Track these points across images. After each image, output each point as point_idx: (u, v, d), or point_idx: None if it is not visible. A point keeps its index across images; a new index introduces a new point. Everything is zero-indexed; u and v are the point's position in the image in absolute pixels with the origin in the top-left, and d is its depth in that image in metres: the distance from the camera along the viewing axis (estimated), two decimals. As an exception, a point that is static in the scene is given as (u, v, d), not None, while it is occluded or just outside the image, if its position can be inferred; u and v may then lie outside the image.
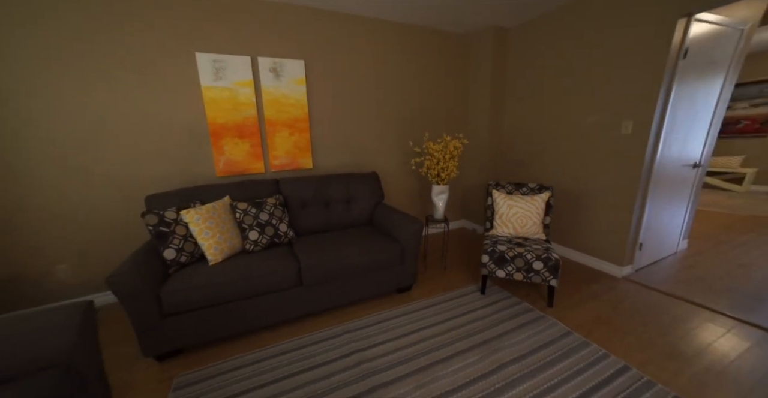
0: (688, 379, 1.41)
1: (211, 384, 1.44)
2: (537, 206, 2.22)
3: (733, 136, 5.17)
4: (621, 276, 2.39)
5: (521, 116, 2.99)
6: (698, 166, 2.53)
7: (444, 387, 1.38)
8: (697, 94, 2.26)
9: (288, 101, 2.40)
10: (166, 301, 1.51)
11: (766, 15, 2.43)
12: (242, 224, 1.91)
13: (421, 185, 3.28)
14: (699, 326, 1.79)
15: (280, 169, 2.50)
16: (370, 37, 2.63)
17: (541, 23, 2.67)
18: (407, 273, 2.14)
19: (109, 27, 1.87)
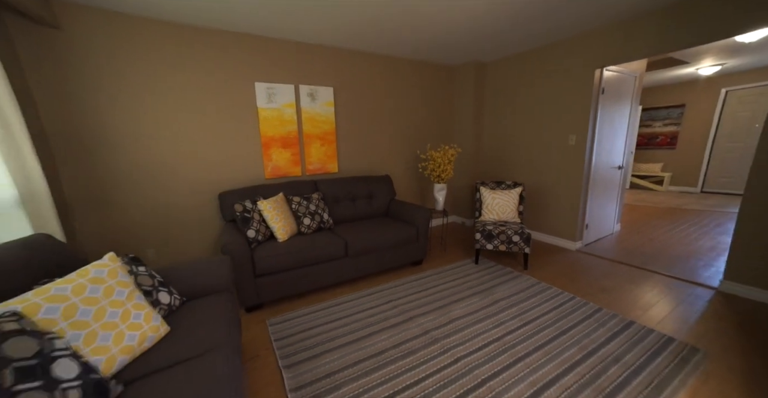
0: (613, 302, 2.18)
1: (297, 321, 2.02)
2: (513, 198, 3.00)
3: (654, 148, 6.47)
4: (574, 249, 3.22)
5: (498, 130, 3.83)
6: (621, 168, 3.47)
7: (459, 315, 2.05)
8: (614, 116, 3.20)
9: (320, 118, 3.04)
10: (257, 264, 2.06)
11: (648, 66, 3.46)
12: (297, 213, 2.50)
13: (422, 185, 4.01)
14: (625, 275, 2.60)
15: (314, 172, 3.11)
16: (382, 69, 3.36)
17: (512, 60, 3.55)
18: (420, 249, 2.81)
19: (192, 69, 2.44)
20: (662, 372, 1.51)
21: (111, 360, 1.02)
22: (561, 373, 1.52)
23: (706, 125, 5.73)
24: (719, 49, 3.94)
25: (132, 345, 1.09)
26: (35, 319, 0.91)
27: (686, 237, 3.51)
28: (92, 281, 1.09)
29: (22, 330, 0.81)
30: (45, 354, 0.80)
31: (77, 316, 0.99)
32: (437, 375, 1.53)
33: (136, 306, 1.16)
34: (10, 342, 0.76)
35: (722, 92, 5.44)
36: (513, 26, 2.62)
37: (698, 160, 5.90)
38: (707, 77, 5.54)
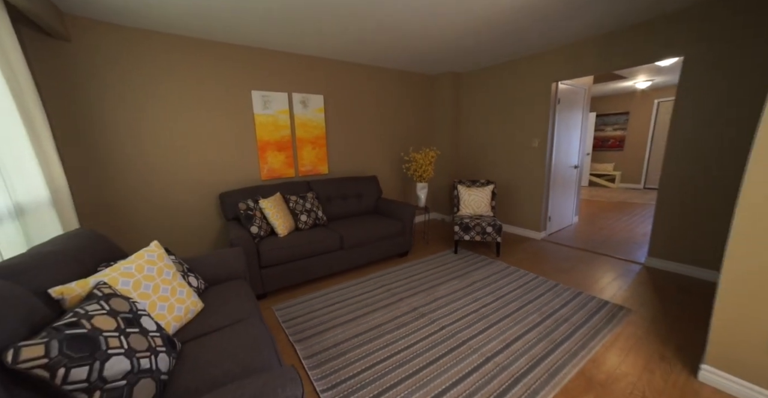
0: (568, 279, 2.62)
1: (300, 306, 2.27)
2: (486, 194, 3.41)
3: (607, 149, 7.28)
4: (539, 238, 3.69)
5: (472, 134, 4.25)
6: (577, 167, 4.00)
7: (442, 294, 2.39)
8: (569, 122, 3.71)
9: (312, 124, 3.30)
10: (263, 257, 2.29)
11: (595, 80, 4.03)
12: (294, 210, 2.75)
13: (406, 184, 4.35)
14: (580, 258, 3.07)
15: (306, 174, 3.36)
16: (368, 78, 3.67)
17: (484, 72, 3.98)
18: (406, 242, 3.14)
19: (194, 77, 2.62)
20: (597, 325, 1.93)
21: (167, 325, 1.25)
22: (524, 332, 1.90)
23: (645, 130, 6.56)
24: (648, 69, 4.64)
25: (180, 315, 1.32)
26: (117, 288, 1.13)
27: (628, 225, 4.11)
28: (148, 262, 1.31)
29: (116, 293, 1.04)
30: (134, 311, 1.04)
31: (142, 289, 1.22)
32: (426, 339, 1.86)
33: (180, 284, 1.39)
34: (113, 300, 0.99)
35: (655, 103, 6.29)
36: (484, 45, 3.03)
37: (641, 160, 6.72)
38: (643, 90, 6.37)
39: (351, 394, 1.47)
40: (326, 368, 1.65)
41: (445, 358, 1.69)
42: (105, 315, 0.93)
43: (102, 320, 0.91)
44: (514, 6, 2.20)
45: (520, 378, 1.53)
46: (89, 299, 0.98)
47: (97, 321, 0.89)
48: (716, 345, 1.44)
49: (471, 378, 1.55)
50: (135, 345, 0.93)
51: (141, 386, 0.88)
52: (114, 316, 0.94)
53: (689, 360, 1.62)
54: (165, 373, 0.99)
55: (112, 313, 0.95)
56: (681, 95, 2.52)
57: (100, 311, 0.93)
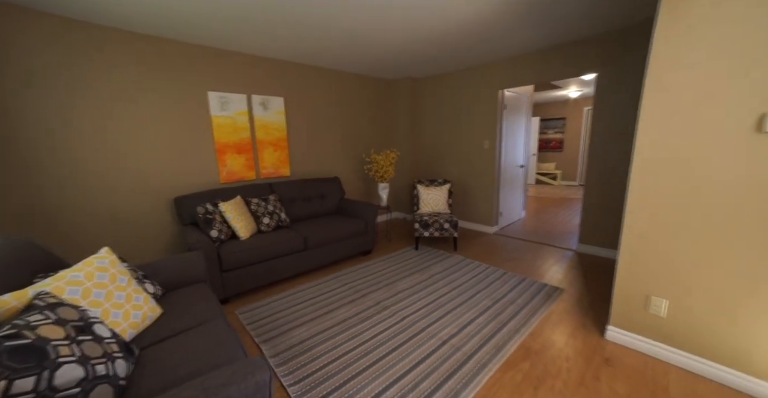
0: (516, 267, 2.92)
1: (265, 308, 2.28)
2: (444, 193, 3.65)
3: (550, 150, 8.08)
4: (492, 232, 4.02)
5: (430, 136, 4.50)
6: (523, 167, 4.43)
7: (403, 288, 2.54)
8: (515, 126, 4.10)
9: (273, 126, 3.28)
10: (224, 260, 2.26)
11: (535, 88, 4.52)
12: (256, 213, 2.73)
13: (368, 185, 4.46)
14: (526, 248, 3.42)
15: (268, 176, 3.33)
16: (329, 82, 3.73)
17: (439, 78, 4.23)
18: (369, 240, 3.26)
19: (144, 75, 2.50)
20: (536, 304, 2.21)
21: (123, 332, 1.23)
22: (477, 316, 2.11)
23: (579, 133, 7.41)
24: (577, 81, 5.29)
25: (137, 321, 1.30)
26: (64, 298, 1.10)
27: (566, 218, 4.64)
28: (99, 269, 1.27)
29: (62, 302, 1.02)
30: (85, 319, 1.02)
31: (93, 297, 1.19)
32: (389, 329, 1.99)
33: (136, 291, 1.37)
34: (60, 309, 0.97)
35: (585, 110, 7.13)
36: (438, 53, 3.26)
37: (576, 160, 7.56)
38: (575, 99, 7.21)
39: (317, 386, 1.54)
40: (293, 364, 1.70)
41: (406, 345, 1.83)
42: (51, 324, 0.91)
43: (48, 329, 0.89)
44: (464, 19, 2.42)
45: (472, 356, 1.72)
46: (30, 310, 0.95)
47: (43, 330, 0.88)
48: (616, 309, 1.77)
49: (429, 359, 1.70)
50: (89, 353, 0.93)
51: (97, 392, 0.89)
52: (62, 325, 0.93)
53: (601, 324, 1.94)
54: (123, 378, 0.99)
55: (60, 322, 0.93)
56: (596, 105, 2.95)
57: (45, 320, 0.91)
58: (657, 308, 1.62)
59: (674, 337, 1.60)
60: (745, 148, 1.32)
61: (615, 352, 1.70)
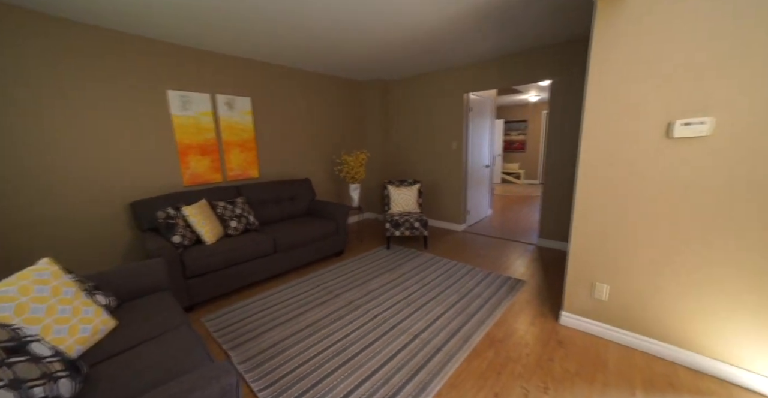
0: (483, 262, 3.07)
1: (234, 314, 2.22)
2: (414, 193, 3.74)
3: (514, 151, 8.55)
4: (460, 230, 4.19)
5: (400, 137, 4.59)
6: (489, 166, 4.66)
7: (374, 287, 2.59)
8: (480, 128, 4.31)
9: (239, 127, 3.19)
10: (188, 266, 2.17)
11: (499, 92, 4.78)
12: (223, 217, 2.64)
13: (339, 186, 4.45)
14: (493, 245, 3.60)
15: (235, 178, 3.23)
16: (299, 82, 3.69)
17: (409, 81, 4.33)
18: (341, 241, 3.26)
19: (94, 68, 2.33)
20: (501, 296, 2.35)
21: (70, 348, 1.16)
22: (445, 310, 2.20)
23: (539, 135, 7.91)
24: (536, 86, 5.66)
25: (86, 336, 1.22)
26: None
27: (529, 215, 4.94)
28: (37, 282, 1.18)
29: (-9, 321, 0.94)
30: (18, 339, 0.95)
31: (30, 313, 1.10)
32: (361, 328, 2.02)
33: (85, 303, 1.28)
34: None
35: (543, 113, 7.64)
36: (406, 57, 3.34)
37: (537, 160, 8.06)
38: (534, 103, 7.70)
39: (289, 388, 1.54)
40: (263, 369, 1.68)
41: (378, 342, 1.87)
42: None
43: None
44: (430, 26, 2.51)
45: (441, 348, 1.80)
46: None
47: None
48: (568, 296, 1.93)
49: (400, 354, 1.76)
50: (23, 375, 0.86)
51: (35, 416, 0.84)
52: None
53: (556, 311, 2.12)
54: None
55: (-19, 346, 0.87)
56: (551, 110, 3.19)
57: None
58: (600, 293, 1.80)
59: (613, 317, 1.79)
60: (659, 150, 1.52)
61: (567, 335, 1.86)
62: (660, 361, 1.64)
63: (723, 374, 1.51)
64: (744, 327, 1.43)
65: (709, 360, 1.54)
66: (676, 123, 1.46)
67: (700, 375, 1.54)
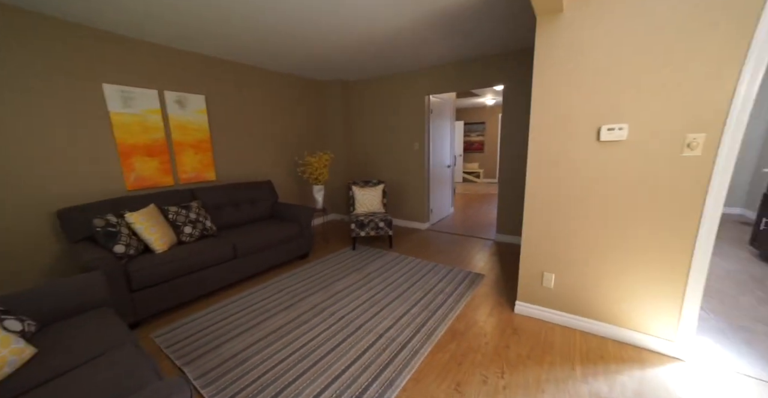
0: (446, 259, 3.19)
1: (190, 325, 2.08)
2: (378, 193, 3.78)
3: (473, 151, 8.99)
4: (424, 228, 4.31)
5: (364, 138, 4.60)
6: (450, 166, 4.85)
7: (340, 289, 2.58)
8: (441, 129, 4.47)
9: (193, 126, 2.99)
10: (134, 278, 2.00)
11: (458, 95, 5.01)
12: (176, 222, 2.47)
13: (302, 187, 4.36)
14: (455, 241, 3.75)
15: (189, 181, 3.02)
16: (258, 81, 3.54)
17: (371, 82, 4.35)
18: (305, 244, 3.20)
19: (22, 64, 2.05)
20: (462, 291, 2.47)
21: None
22: (410, 307, 2.26)
23: (496, 136, 8.41)
24: (491, 91, 6.01)
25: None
26: None
27: (488, 212, 5.23)
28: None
29: None
30: None
31: None
32: (327, 330, 2.00)
33: (-4, 329, 1.13)
34: None
35: (499, 116, 8.12)
36: (366, 58, 3.37)
37: (495, 160, 8.56)
38: (490, 106, 8.17)
39: (252, 398, 1.49)
40: (223, 381, 1.60)
41: (344, 343, 1.87)
42: None
43: None
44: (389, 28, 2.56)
45: (406, 344, 1.85)
46: None
47: None
48: (522, 286, 2.10)
49: (367, 354, 1.78)
50: None
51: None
52: None
53: (512, 301, 2.28)
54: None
55: None
56: (504, 113, 3.41)
57: None
58: (548, 281, 1.97)
59: (559, 303, 1.97)
60: (591, 152, 1.71)
61: (521, 323, 2.02)
62: (594, 338, 1.84)
63: (637, 341, 1.76)
64: (648, 300, 1.68)
65: (628, 331, 1.78)
66: (603, 128, 1.65)
67: (622, 345, 1.78)
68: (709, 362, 1.64)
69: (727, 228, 3.88)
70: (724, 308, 2.14)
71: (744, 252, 3.12)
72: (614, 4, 1.55)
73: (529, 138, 1.89)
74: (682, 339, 1.66)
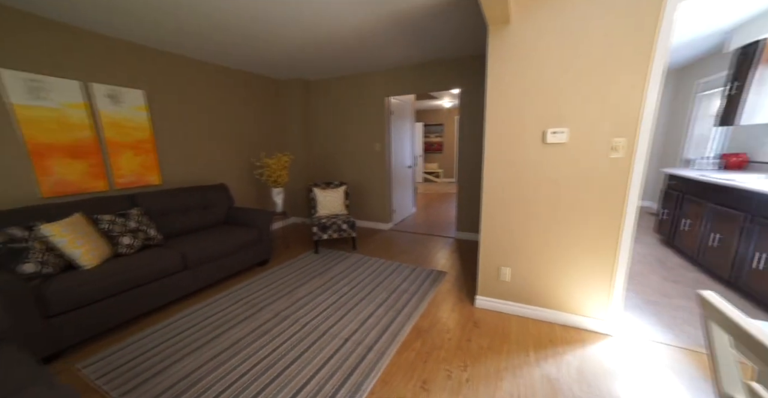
0: (409, 258, 3.24)
1: (129, 349, 1.86)
2: (340, 195, 3.72)
3: (433, 152, 9.31)
4: (387, 228, 4.34)
5: (325, 139, 4.51)
6: (411, 167, 4.95)
7: (303, 294, 2.49)
8: (401, 130, 4.55)
9: (130, 125, 2.67)
10: (53, 300, 1.71)
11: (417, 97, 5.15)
12: (111, 233, 2.19)
13: (261, 190, 4.13)
14: (418, 240, 3.83)
15: (127, 186, 2.70)
16: (211, 78, 3.29)
17: (333, 82, 4.26)
18: (265, 249, 3.05)
19: None
20: (426, 289, 2.54)
21: None
22: (375, 309, 2.25)
23: (453, 137, 8.79)
24: (449, 93, 6.27)
25: None
26: None
27: (448, 210, 5.44)
28: None
29: None
30: None
31: None
32: (290, 339, 1.92)
33: None
34: None
35: (456, 118, 8.52)
36: (325, 58, 3.29)
37: (453, 160, 8.95)
38: (448, 108, 8.53)
39: (207, 420, 1.37)
40: (173, 405, 1.46)
41: (309, 351, 1.81)
42: None
43: None
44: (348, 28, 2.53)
45: (372, 347, 1.84)
46: None
47: None
48: (481, 281, 2.21)
49: (333, 359, 1.73)
50: None
51: None
52: None
53: (472, 296, 2.39)
54: None
55: None
56: (461, 115, 3.58)
57: None
58: (504, 275, 2.10)
59: (514, 295, 2.11)
60: (539, 153, 1.86)
61: (481, 316, 2.12)
62: (545, 324, 2.00)
63: (578, 323, 1.96)
64: (586, 286, 1.89)
65: (572, 315, 1.97)
66: (548, 131, 1.80)
67: (567, 328, 1.96)
68: (630, 335, 1.88)
69: (639, 218, 4.47)
70: (639, 287, 2.47)
71: (651, 238, 3.62)
72: (552, 22, 1.69)
73: (485, 140, 1.99)
74: (612, 318, 1.88)
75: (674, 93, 4.73)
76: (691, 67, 4.33)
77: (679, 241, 3.11)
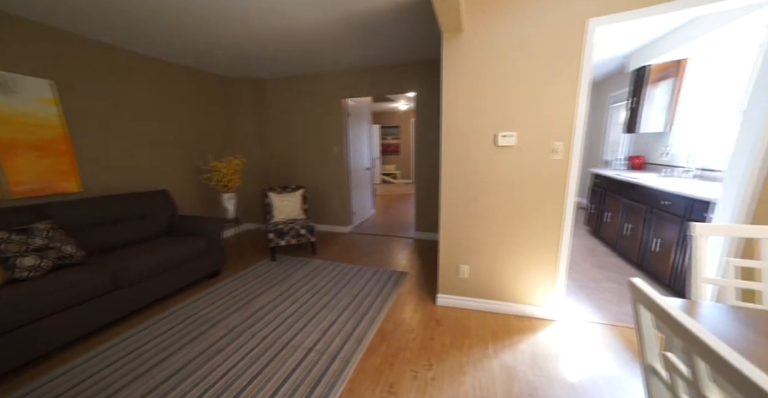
0: (370, 261, 3.23)
1: (46, 388, 1.57)
2: (297, 199, 3.58)
3: (390, 154, 9.46)
4: (348, 231, 4.29)
5: (280, 141, 4.30)
6: (369, 169, 4.95)
7: (261, 305, 2.34)
8: (359, 132, 4.53)
9: (31, 121, 2.26)
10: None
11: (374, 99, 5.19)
12: (4, 254, 1.81)
13: (210, 196, 3.79)
14: (378, 242, 3.83)
15: (32, 194, 2.27)
16: (146, 70, 2.93)
17: (288, 81, 4.07)
18: (216, 260, 2.80)
19: None
20: (388, 291, 2.55)
21: None
22: (338, 315, 2.20)
23: (410, 139, 9.02)
24: (404, 97, 6.41)
25: None
26: None
27: (406, 211, 5.55)
28: None
29: None
30: None
31: None
32: (248, 356, 1.79)
33: None
34: None
35: (412, 121, 8.76)
36: (279, 57, 3.14)
37: (410, 161, 9.18)
38: (404, 110, 8.75)
39: (152, 460, 1.21)
40: (107, 448, 1.26)
41: (269, 366, 1.70)
42: None
43: None
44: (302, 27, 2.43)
45: (337, 355, 1.79)
46: None
47: None
48: (442, 279, 2.28)
49: (295, 373, 1.65)
50: None
51: None
52: None
53: (434, 294, 2.46)
54: None
55: None
56: (417, 118, 3.67)
57: None
58: (464, 273, 2.20)
59: (473, 291, 2.22)
60: (492, 155, 1.99)
61: (443, 314, 2.20)
62: (501, 316, 2.14)
63: (530, 313, 2.13)
64: (535, 277, 2.06)
65: (524, 306, 2.13)
66: (499, 134, 1.93)
67: (521, 318, 2.11)
68: (570, 318, 2.10)
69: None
70: (574, 274, 2.78)
71: (581, 230, 4.10)
72: (500, 32, 1.82)
73: (442, 143, 2.06)
74: (556, 305, 2.07)
75: (594, 103, 5.39)
76: (605, 82, 4.98)
77: (603, 232, 3.55)
